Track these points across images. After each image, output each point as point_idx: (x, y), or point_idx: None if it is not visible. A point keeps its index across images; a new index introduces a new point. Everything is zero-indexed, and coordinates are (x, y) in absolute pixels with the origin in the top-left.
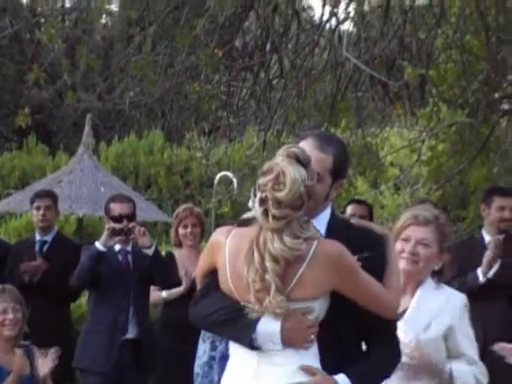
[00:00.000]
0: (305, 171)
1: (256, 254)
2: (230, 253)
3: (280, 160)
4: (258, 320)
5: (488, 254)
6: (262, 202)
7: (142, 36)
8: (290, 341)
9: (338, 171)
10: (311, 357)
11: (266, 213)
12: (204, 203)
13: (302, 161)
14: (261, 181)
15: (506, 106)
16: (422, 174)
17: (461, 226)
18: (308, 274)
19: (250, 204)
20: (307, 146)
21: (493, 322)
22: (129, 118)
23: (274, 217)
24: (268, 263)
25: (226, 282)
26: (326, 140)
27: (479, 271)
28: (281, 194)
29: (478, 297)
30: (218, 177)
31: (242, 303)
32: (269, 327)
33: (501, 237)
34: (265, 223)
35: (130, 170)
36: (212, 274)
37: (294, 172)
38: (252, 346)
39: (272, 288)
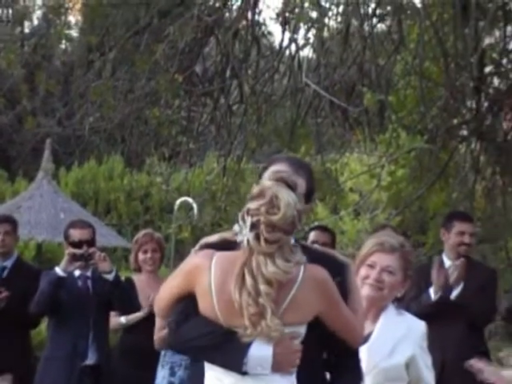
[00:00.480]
0: (295, 195)
1: (248, 278)
2: (215, 277)
3: (270, 184)
4: (249, 344)
5: (439, 276)
6: (254, 226)
7: (102, 61)
8: (279, 365)
9: (309, 195)
10: (293, 381)
11: (257, 237)
12: (164, 228)
13: (290, 185)
14: (252, 205)
15: (464, 132)
16: (382, 199)
17: (421, 251)
18: (299, 298)
19: (236, 229)
20: (282, 168)
21: (450, 344)
22: (88, 143)
23: (266, 241)
24: (262, 286)
25: (211, 306)
26: (298, 164)
27: (431, 291)
28: (275, 218)
29: (435, 319)
30: (177, 202)
31: (228, 328)
32: (261, 352)
33: (463, 260)
34: (257, 247)
35: (89, 196)
36: (185, 299)
37: (287, 196)
38: (241, 370)
39: (268, 312)
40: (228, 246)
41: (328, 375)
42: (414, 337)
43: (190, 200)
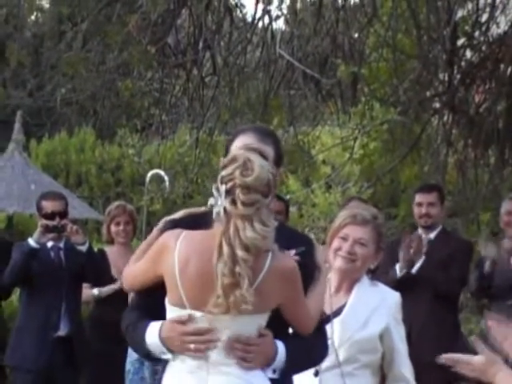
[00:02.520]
0: (267, 162)
1: (225, 246)
2: (179, 256)
3: (241, 151)
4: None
5: (405, 250)
6: (229, 192)
7: (74, 32)
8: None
9: (278, 161)
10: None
11: (234, 202)
12: (136, 201)
13: (262, 154)
14: (225, 172)
15: (437, 105)
16: (354, 172)
17: (392, 224)
18: (263, 287)
19: (212, 201)
20: (250, 139)
21: (417, 318)
22: (60, 115)
23: (243, 203)
24: (239, 252)
25: (175, 288)
26: (265, 132)
27: (397, 266)
28: (250, 179)
29: (401, 293)
30: (149, 174)
31: (191, 312)
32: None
33: (422, 234)
34: (234, 211)
35: (60, 168)
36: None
37: (259, 159)
38: (149, 357)
39: (245, 281)
40: (193, 220)
41: None
42: (387, 307)
43: (161, 172)
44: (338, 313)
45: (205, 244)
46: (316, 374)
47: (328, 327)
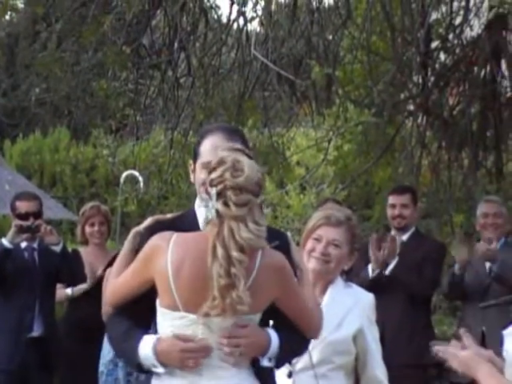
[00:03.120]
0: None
1: (219, 249)
2: (172, 259)
3: (227, 153)
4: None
5: (375, 252)
6: (220, 194)
7: (49, 32)
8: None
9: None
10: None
11: (226, 204)
12: (110, 201)
13: (248, 154)
14: (214, 175)
15: (411, 107)
16: (328, 173)
17: (366, 226)
18: (255, 286)
19: (198, 205)
20: (217, 138)
21: (390, 319)
22: (34, 115)
23: (236, 204)
24: (234, 254)
25: (169, 292)
26: (231, 131)
27: (369, 267)
28: (241, 179)
29: (374, 294)
30: (123, 175)
31: (185, 314)
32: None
33: (395, 235)
34: (227, 213)
35: (34, 168)
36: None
37: (247, 160)
38: (140, 369)
39: (240, 281)
40: (164, 227)
41: None
42: (361, 308)
43: (135, 173)
44: None
45: (198, 246)
46: (290, 375)
47: None
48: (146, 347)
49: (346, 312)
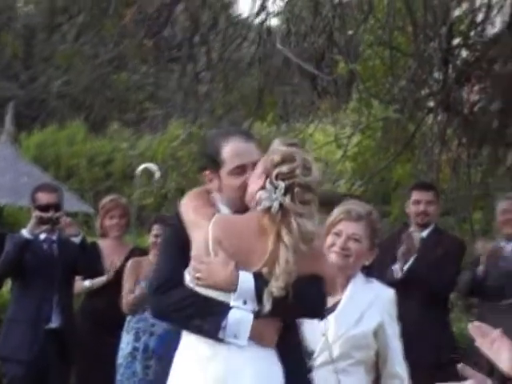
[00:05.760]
0: None
1: (288, 238)
2: (213, 235)
3: (293, 149)
4: (229, 308)
5: (402, 249)
6: (287, 189)
7: (70, 25)
8: (259, 335)
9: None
10: (274, 356)
11: (293, 199)
12: (126, 195)
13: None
14: (284, 169)
15: (431, 104)
16: (347, 169)
17: (385, 222)
18: None
19: (263, 195)
20: (239, 143)
21: (408, 317)
22: (52, 108)
23: (302, 202)
24: (302, 246)
25: None
26: (246, 133)
27: (397, 267)
28: (310, 179)
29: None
30: (139, 168)
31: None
32: (241, 316)
33: (415, 231)
34: (293, 208)
35: (50, 160)
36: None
37: (312, 159)
38: (217, 335)
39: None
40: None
41: None
42: (381, 304)
43: (152, 166)
44: (332, 309)
45: (244, 225)
46: (310, 370)
47: (322, 323)
48: (242, 313)
49: (367, 307)
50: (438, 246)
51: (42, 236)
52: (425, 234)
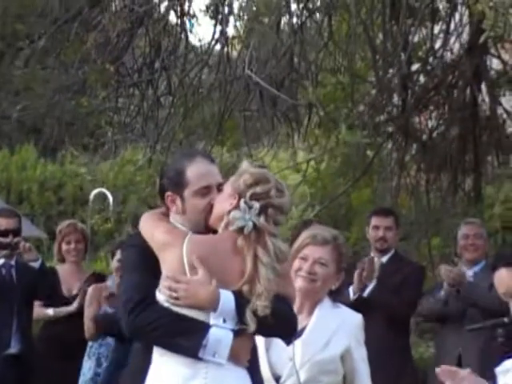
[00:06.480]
0: None
1: (266, 257)
2: (188, 255)
3: (264, 170)
4: (209, 326)
5: (359, 273)
6: (261, 210)
7: (32, 49)
8: (236, 355)
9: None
10: (246, 375)
11: (267, 219)
12: (78, 219)
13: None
14: (259, 189)
15: (390, 129)
16: (305, 193)
17: None
18: None
19: (237, 215)
20: (202, 164)
21: (368, 341)
22: (0, 131)
23: (275, 222)
24: (277, 266)
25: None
26: (207, 155)
27: (351, 289)
28: (283, 200)
29: None
30: (93, 193)
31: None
32: (221, 335)
33: (374, 257)
34: (267, 228)
35: (1, 185)
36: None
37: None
38: (197, 354)
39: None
40: None
41: None
42: (349, 329)
43: (105, 191)
44: (299, 334)
45: (218, 245)
46: None
47: (289, 348)
48: (222, 332)
49: (334, 332)
50: (398, 271)
51: (1, 261)
52: (384, 259)
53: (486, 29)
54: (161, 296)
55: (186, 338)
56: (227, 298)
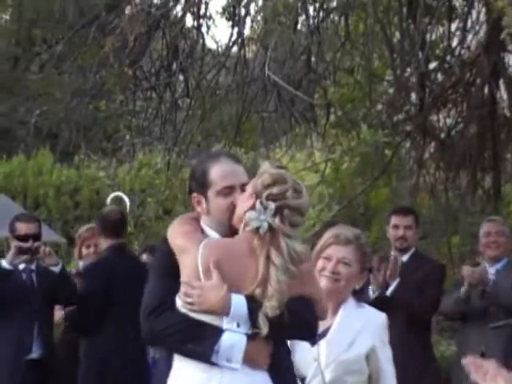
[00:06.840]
0: None
1: (279, 259)
2: (203, 260)
3: (283, 171)
4: (222, 331)
5: (376, 273)
6: (277, 211)
7: (50, 54)
8: (251, 359)
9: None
10: (267, 378)
11: (282, 221)
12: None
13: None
14: (275, 190)
15: (408, 128)
16: (324, 193)
17: None
18: None
19: (252, 215)
20: (226, 165)
21: (391, 339)
22: (16, 137)
23: (291, 224)
24: (292, 267)
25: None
26: (232, 155)
27: (370, 288)
28: (301, 201)
29: None
30: (110, 197)
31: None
32: (234, 340)
33: (397, 255)
34: (282, 229)
35: (18, 191)
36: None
37: (302, 183)
38: (210, 359)
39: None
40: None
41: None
42: (373, 329)
43: (122, 195)
44: (324, 334)
45: (234, 248)
46: None
47: (314, 349)
48: (235, 336)
49: (358, 332)
50: (419, 270)
51: (21, 266)
52: (405, 258)
53: (506, 26)
54: (179, 302)
55: (198, 343)
56: (239, 303)
